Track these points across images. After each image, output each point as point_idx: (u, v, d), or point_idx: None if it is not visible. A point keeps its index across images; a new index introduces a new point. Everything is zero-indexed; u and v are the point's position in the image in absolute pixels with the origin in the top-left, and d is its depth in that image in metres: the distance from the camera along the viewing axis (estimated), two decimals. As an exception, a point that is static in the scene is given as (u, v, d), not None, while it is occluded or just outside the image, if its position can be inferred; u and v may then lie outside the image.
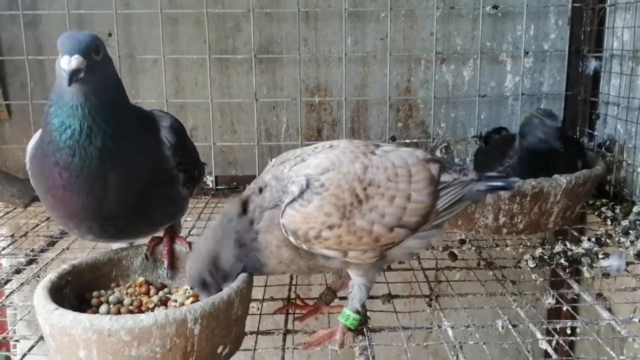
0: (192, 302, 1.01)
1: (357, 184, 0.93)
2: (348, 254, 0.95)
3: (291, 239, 0.93)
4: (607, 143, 1.81)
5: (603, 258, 1.33)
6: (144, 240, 1.16)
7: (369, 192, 0.93)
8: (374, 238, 0.94)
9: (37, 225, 1.64)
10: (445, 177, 1.01)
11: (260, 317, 1.18)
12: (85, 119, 0.95)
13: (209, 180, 1.93)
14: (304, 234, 0.92)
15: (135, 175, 1.01)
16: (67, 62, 0.90)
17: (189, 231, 1.56)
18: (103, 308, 1.02)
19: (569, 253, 1.38)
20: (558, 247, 1.40)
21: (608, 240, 1.43)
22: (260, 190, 0.97)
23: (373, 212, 0.93)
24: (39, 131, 1.03)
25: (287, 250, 0.95)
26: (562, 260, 1.35)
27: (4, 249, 1.50)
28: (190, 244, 1.14)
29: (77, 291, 1.04)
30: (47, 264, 1.42)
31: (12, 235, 1.59)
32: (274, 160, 1.05)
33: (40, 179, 1.01)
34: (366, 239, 0.93)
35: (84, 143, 0.95)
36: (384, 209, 0.94)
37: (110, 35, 1.83)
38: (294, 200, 0.92)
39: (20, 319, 1.27)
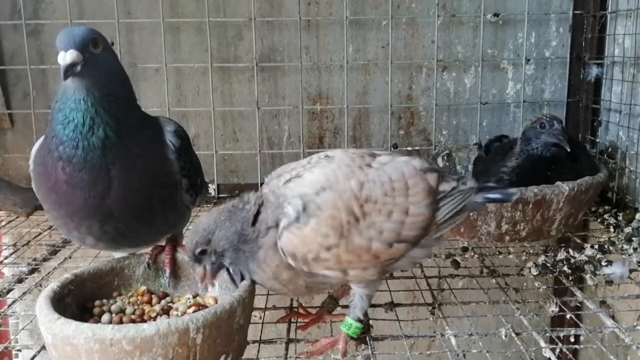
0: (194, 311, 1.00)
1: (353, 202, 0.91)
2: (349, 273, 0.93)
3: (290, 261, 0.92)
4: (609, 150, 1.81)
5: (606, 265, 1.33)
6: (146, 250, 1.16)
7: (365, 209, 0.91)
8: (373, 255, 0.92)
9: (40, 234, 1.63)
10: (443, 187, 0.99)
11: (262, 325, 1.18)
12: (88, 111, 0.96)
13: (211, 188, 1.93)
14: (302, 256, 0.91)
15: (137, 173, 1.01)
16: (63, 58, 0.92)
17: (191, 239, 1.56)
18: (105, 317, 1.02)
19: (572, 260, 1.37)
20: (561, 255, 1.40)
21: (611, 248, 1.43)
22: (262, 204, 0.96)
23: (371, 229, 0.91)
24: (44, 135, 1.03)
25: (287, 271, 0.94)
26: (565, 268, 1.34)
27: (6, 258, 1.50)
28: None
29: (79, 300, 1.04)
30: (49, 273, 1.41)
31: (15, 244, 1.58)
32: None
33: (44, 176, 1.01)
34: (365, 257, 0.92)
35: (86, 134, 0.96)
36: (382, 225, 0.92)
37: (112, 44, 1.83)
38: (290, 224, 0.91)
39: (23, 329, 1.26)
